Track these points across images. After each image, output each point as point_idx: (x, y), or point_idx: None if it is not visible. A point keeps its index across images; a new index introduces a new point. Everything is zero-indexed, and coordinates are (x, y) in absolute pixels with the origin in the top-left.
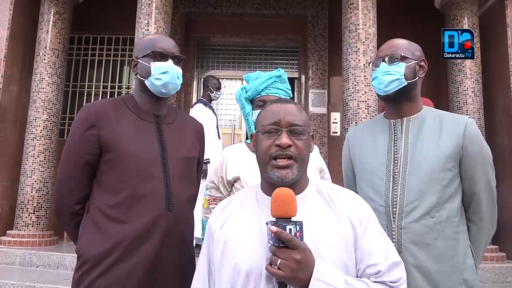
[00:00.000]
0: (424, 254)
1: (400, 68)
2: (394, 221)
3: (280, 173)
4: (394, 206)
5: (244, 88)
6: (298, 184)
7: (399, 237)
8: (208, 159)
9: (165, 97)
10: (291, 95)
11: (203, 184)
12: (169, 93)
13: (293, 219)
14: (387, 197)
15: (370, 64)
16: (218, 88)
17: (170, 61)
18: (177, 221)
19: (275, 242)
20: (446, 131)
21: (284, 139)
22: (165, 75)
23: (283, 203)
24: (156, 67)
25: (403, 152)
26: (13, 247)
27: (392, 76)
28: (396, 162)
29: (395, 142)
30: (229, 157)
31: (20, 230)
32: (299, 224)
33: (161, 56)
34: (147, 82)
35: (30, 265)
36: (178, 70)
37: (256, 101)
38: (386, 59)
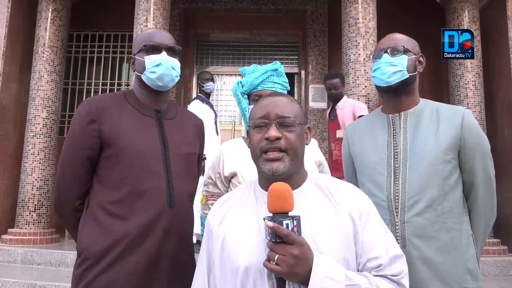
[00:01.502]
0: (428, 246)
1: (403, 60)
2: (397, 215)
3: (271, 166)
4: (396, 201)
5: (240, 82)
6: (295, 178)
7: (402, 231)
8: (204, 155)
9: (164, 90)
10: (289, 88)
11: (201, 180)
12: (166, 86)
13: (290, 213)
14: (388, 192)
15: (371, 56)
16: (208, 79)
17: (163, 53)
18: (178, 217)
19: (272, 238)
20: (444, 123)
21: (272, 132)
22: (159, 67)
23: (279, 198)
24: (150, 60)
25: (403, 147)
26: (14, 245)
27: (396, 67)
28: (396, 156)
29: (394, 136)
30: (226, 153)
31: (21, 228)
32: (296, 219)
33: (154, 49)
34: (143, 77)
35: (32, 263)
36: (173, 61)
37: (253, 96)
38: (389, 51)
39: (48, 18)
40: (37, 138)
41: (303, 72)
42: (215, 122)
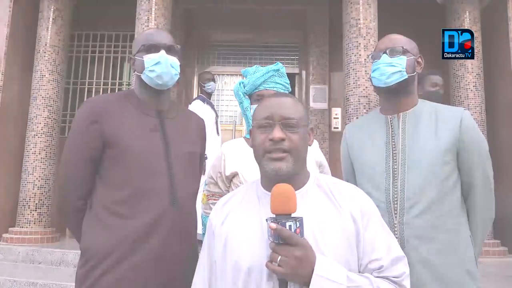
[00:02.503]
0: (427, 248)
1: (402, 61)
2: (396, 217)
3: (275, 165)
4: (395, 202)
5: (242, 82)
6: (297, 179)
7: (401, 233)
8: (206, 154)
9: (164, 89)
10: (290, 89)
11: (202, 180)
12: (166, 84)
13: (293, 215)
14: (387, 194)
15: (370, 57)
16: (209, 79)
17: (162, 52)
18: (181, 216)
19: (275, 239)
20: (442, 124)
21: (277, 133)
22: (158, 66)
23: (282, 199)
24: (149, 59)
25: (401, 148)
26: (15, 244)
27: (395, 68)
28: (395, 158)
29: (393, 137)
30: (227, 152)
31: (23, 227)
32: (299, 220)
33: (152, 48)
34: (143, 76)
35: (33, 262)
36: (172, 60)
37: (254, 96)
38: (388, 52)
39: (49, 18)
40: (38, 137)
41: (303, 73)
42: (216, 122)
